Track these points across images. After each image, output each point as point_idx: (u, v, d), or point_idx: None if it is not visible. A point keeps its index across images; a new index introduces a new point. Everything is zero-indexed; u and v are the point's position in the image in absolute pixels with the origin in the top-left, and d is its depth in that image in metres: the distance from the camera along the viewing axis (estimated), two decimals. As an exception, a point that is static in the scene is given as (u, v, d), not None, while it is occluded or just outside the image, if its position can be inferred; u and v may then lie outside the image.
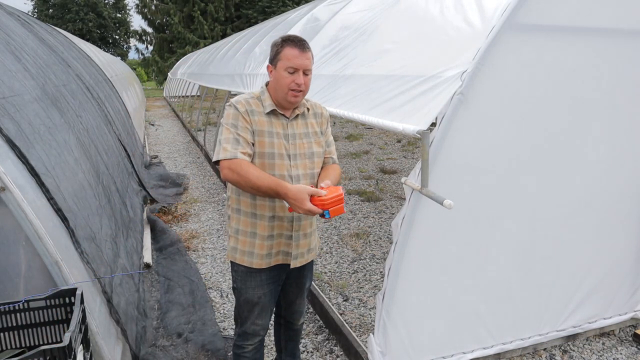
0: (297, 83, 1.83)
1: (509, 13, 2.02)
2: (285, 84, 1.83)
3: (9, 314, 1.73)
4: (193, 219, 5.34)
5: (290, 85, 1.83)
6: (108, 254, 2.65)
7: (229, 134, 1.82)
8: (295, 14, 6.91)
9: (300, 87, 1.84)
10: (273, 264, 2.00)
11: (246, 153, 1.81)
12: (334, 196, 1.74)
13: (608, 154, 2.54)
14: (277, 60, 1.85)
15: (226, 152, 1.79)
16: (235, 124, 1.83)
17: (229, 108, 1.88)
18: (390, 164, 8.01)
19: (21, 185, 1.90)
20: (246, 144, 1.82)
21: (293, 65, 1.81)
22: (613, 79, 2.39)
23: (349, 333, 2.77)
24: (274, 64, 1.88)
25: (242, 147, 1.81)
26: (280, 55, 1.84)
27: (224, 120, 1.86)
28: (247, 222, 1.94)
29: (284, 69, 1.83)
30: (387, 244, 4.46)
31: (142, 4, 31.86)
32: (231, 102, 1.89)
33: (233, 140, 1.81)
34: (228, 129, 1.83)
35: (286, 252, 1.99)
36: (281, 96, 1.87)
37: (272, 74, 1.90)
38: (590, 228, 2.65)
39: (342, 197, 1.77)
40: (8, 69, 2.63)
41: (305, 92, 1.90)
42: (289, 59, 1.82)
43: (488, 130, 2.19)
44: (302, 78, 1.83)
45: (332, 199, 1.73)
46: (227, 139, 1.81)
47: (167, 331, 2.98)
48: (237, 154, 1.78)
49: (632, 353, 2.77)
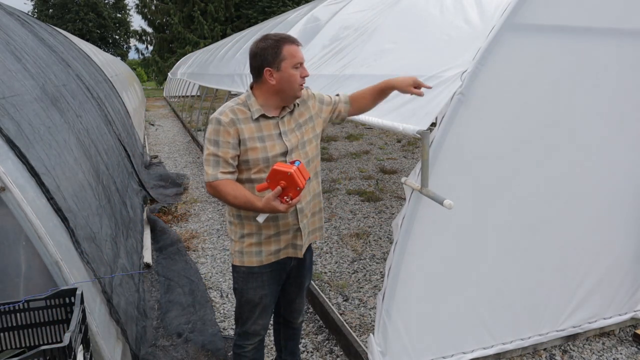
0: (305, 75, 1.88)
1: (509, 13, 2.02)
2: (296, 81, 1.85)
3: (9, 314, 1.73)
4: (193, 219, 5.34)
5: (300, 81, 1.86)
6: (108, 254, 2.65)
7: (209, 154, 1.84)
8: (295, 14, 6.91)
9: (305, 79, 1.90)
10: (282, 257, 2.01)
11: (227, 172, 1.83)
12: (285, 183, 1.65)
13: (608, 153, 2.54)
14: (279, 60, 1.81)
15: (207, 175, 1.84)
16: (217, 140, 1.82)
17: (211, 124, 1.86)
18: (390, 164, 8.01)
19: (21, 185, 1.90)
20: (226, 163, 1.83)
21: (299, 60, 1.84)
22: (613, 78, 2.39)
23: (349, 333, 2.77)
24: (277, 65, 1.82)
25: (222, 167, 1.83)
26: (283, 55, 1.81)
27: (206, 135, 1.87)
28: (252, 226, 1.94)
29: (292, 67, 1.83)
30: (387, 244, 4.46)
31: (142, 4, 31.86)
32: (214, 115, 1.85)
33: (213, 162, 1.83)
34: (209, 149, 1.84)
35: (295, 244, 2.01)
36: (291, 94, 1.88)
37: (273, 76, 1.83)
38: (590, 228, 2.65)
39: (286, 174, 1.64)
40: (8, 69, 2.63)
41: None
42: (293, 56, 1.83)
43: (488, 130, 2.19)
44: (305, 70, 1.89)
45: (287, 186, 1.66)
46: (207, 160, 1.84)
47: (167, 331, 2.98)
48: (217, 176, 1.82)
49: (632, 353, 2.77)
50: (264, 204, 1.73)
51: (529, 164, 2.36)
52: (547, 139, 2.35)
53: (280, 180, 1.66)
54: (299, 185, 1.65)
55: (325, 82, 3.34)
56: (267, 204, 1.72)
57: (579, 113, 2.38)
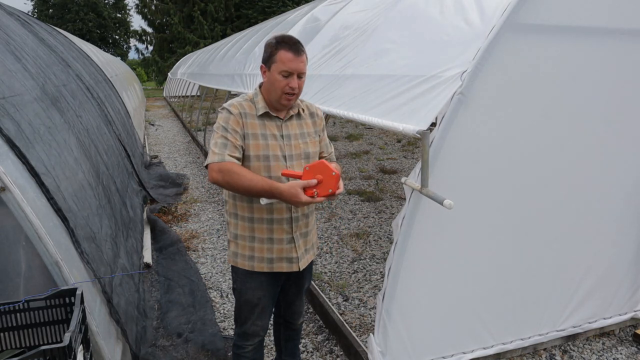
0: (292, 87, 1.82)
1: (509, 13, 2.02)
2: (279, 87, 1.82)
3: (9, 314, 1.73)
4: (193, 219, 5.34)
5: (285, 89, 1.82)
6: (108, 254, 2.65)
7: (218, 138, 1.83)
8: (295, 14, 6.91)
9: (294, 91, 1.84)
10: (276, 270, 1.98)
11: (234, 156, 1.81)
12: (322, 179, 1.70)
13: (608, 153, 2.54)
14: (271, 62, 1.83)
15: (214, 155, 1.80)
16: (226, 126, 1.83)
17: (221, 112, 1.89)
18: (390, 164, 8.01)
19: (21, 185, 1.89)
20: (234, 147, 1.82)
21: (288, 69, 1.80)
22: (613, 78, 2.39)
23: (349, 333, 2.77)
24: (268, 65, 1.85)
25: (229, 150, 1.81)
26: (275, 58, 1.82)
27: (216, 124, 1.88)
28: (245, 227, 1.94)
29: (278, 72, 1.81)
30: (387, 244, 4.46)
31: (142, 4, 31.87)
32: (224, 106, 1.89)
33: (221, 144, 1.82)
34: (217, 133, 1.84)
35: (289, 258, 1.98)
36: (274, 99, 1.87)
37: (265, 75, 1.88)
38: (590, 227, 2.65)
39: (331, 173, 1.69)
40: (8, 69, 2.63)
41: (298, 95, 1.90)
42: (284, 63, 1.80)
43: (488, 130, 2.19)
44: (296, 81, 1.83)
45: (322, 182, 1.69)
46: (216, 143, 1.83)
47: (167, 331, 2.98)
48: (224, 157, 1.79)
49: (632, 353, 2.77)
50: (288, 187, 1.69)
51: (529, 163, 2.36)
52: (547, 138, 2.35)
53: (318, 174, 1.68)
54: (333, 188, 1.69)
55: (325, 82, 3.34)
56: (293, 188, 1.68)
57: (579, 113, 2.38)
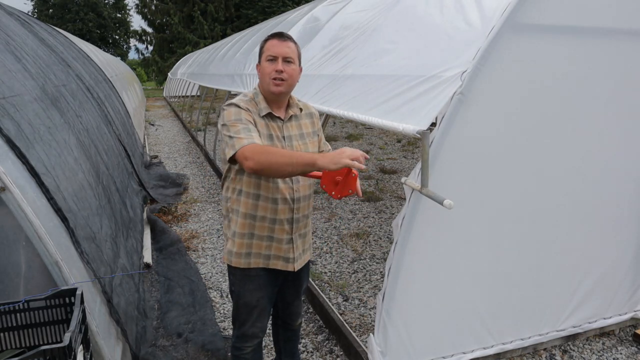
0: (277, 70, 1.82)
1: (509, 13, 2.02)
2: (267, 73, 1.85)
3: (9, 314, 1.72)
4: (193, 219, 5.34)
5: (271, 75, 1.83)
6: (108, 254, 2.65)
7: (237, 126, 1.76)
8: (295, 14, 6.91)
9: (281, 75, 1.82)
10: (271, 267, 1.99)
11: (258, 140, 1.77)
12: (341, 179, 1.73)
13: (608, 152, 2.54)
14: (260, 55, 1.90)
15: (242, 140, 1.70)
16: (239, 117, 1.80)
17: (228, 107, 1.85)
18: (390, 164, 8.01)
19: (21, 185, 1.89)
20: (256, 132, 1.79)
21: (272, 54, 1.83)
22: (613, 78, 2.39)
23: (349, 333, 2.77)
24: (259, 60, 1.92)
25: (255, 133, 1.77)
26: (263, 50, 1.89)
27: (226, 119, 1.81)
28: (245, 224, 1.92)
29: (265, 60, 1.86)
30: (387, 244, 4.46)
31: (142, 4, 31.87)
32: (230, 102, 1.89)
33: (244, 129, 1.75)
34: (234, 124, 1.77)
35: (286, 257, 1.98)
36: (266, 88, 1.88)
37: (258, 69, 1.93)
38: (590, 227, 2.65)
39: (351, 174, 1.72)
40: (8, 69, 2.63)
41: (289, 83, 1.86)
42: (268, 49, 1.86)
43: (488, 130, 2.19)
44: (282, 65, 1.82)
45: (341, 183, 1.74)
46: (238, 131, 1.74)
47: (167, 331, 2.98)
48: (254, 139, 1.72)
49: (632, 353, 2.77)
50: (331, 153, 1.61)
51: (529, 163, 2.36)
52: (547, 138, 2.35)
53: (338, 175, 1.72)
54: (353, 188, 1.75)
55: (325, 82, 3.34)
56: (337, 152, 1.60)
57: (579, 113, 2.38)
